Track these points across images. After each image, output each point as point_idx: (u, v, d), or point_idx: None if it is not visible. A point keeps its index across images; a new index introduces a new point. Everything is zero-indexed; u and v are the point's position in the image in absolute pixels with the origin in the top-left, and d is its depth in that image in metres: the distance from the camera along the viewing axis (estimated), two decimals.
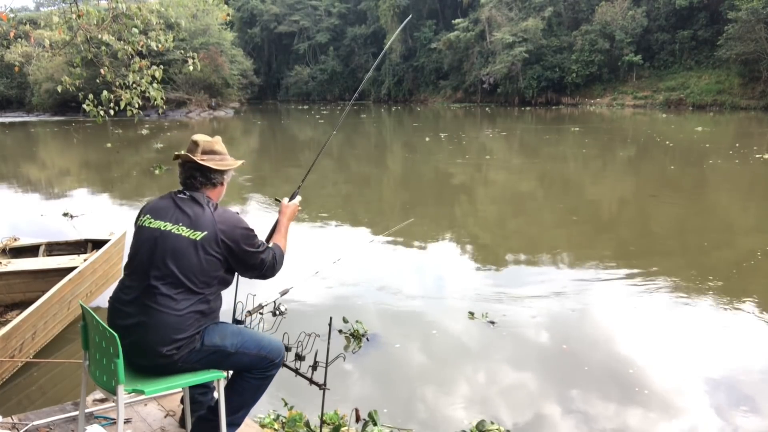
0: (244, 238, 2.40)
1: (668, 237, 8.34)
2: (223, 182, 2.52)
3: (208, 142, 2.48)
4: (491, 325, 5.16)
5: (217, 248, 2.33)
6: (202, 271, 2.30)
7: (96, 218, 9.76)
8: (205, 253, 2.31)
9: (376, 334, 4.99)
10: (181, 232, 2.32)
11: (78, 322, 2.68)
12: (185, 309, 2.27)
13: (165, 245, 2.30)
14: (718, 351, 4.72)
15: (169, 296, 2.26)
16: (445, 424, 3.74)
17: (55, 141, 26.14)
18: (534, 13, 46.16)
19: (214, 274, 2.34)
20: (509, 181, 13.85)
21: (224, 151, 2.52)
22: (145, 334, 2.23)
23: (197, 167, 2.43)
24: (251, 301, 2.97)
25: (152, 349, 2.23)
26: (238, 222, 2.41)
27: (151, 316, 2.24)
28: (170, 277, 2.27)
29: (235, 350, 2.39)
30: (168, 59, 30.70)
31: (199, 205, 2.38)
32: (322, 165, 17.06)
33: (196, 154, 2.43)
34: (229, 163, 2.51)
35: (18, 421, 2.91)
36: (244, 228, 2.42)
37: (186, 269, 2.28)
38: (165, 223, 2.35)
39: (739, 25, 34.50)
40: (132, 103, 5.75)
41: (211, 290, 2.35)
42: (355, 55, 63.24)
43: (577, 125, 27.67)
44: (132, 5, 5.52)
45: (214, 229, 2.33)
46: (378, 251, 7.48)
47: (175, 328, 2.25)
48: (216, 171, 2.46)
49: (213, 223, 2.35)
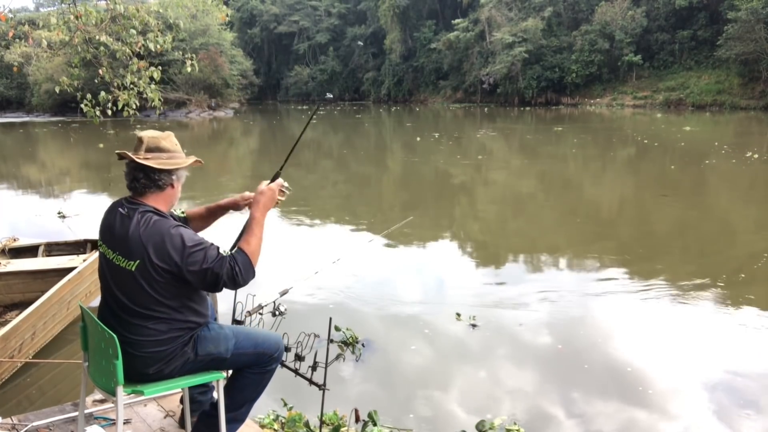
0: (181, 254, 2.09)
1: (650, 236, 8.34)
2: (173, 184, 2.25)
3: (153, 138, 2.24)
4: (491, 326, 5.16)
5: (156, 274, 2.09)
6: (156, 300, 2.13)
7: (88, 218, 9.78)
8: (147, 283, 2.10)
9: (369, 339, 4.97)
10: (119, 262, 2.14)
11: (77, 323, 2.68)
12: (160, 334, 2.17)
13: (113, 278, 2.18)
14: (719, 351, 4.71)
15: (138, 325, 2.16)
16: (445, 424, 3.73)
17: (51, 141, 26.14)
18: (534, 13, 46.16)
19: (171, 295, 2.15)
20: (507, 180, 13.85)
21: (173, 148, 2.26)
22: (130, 357, 2.17)
23: (140, 167, 2.18)
24: (251, 301, 2.97)
25: (138, 372, 2.21)
26: (170, 238, 2.09)
27: (129, 344, 2.16)
28: (130, 309, 2.15)
29: (230, 354, 2.36)
30: (168, 60, 30.70)
31: (132, 222, 2.13)
32: (322, 165, 17.07)
33: (139, 153, 2.19)
34: (177, 161, 2.23)
35: (18, 421, 2.90)
36: (179, 243, 2.09)
37: (140, 300, 2.13)
38: (108, 250, 2.20)
39: (739, 25, 34.50)
40: (129, 104, 5.75)
41: (179, 308, 2.20)
42: (354, 56, 63.25)
43: (562, 125, 27.67)
44: (130, 6, 5.51)
45: (144, 254, 2.08)
46: (377, 251, 7.48)
47: (155, 351, 2.19)
48: (161, 171, 2.19)
49: (142, 246, 2.09)
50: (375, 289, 6.17)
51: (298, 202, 11.49)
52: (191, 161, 2.30)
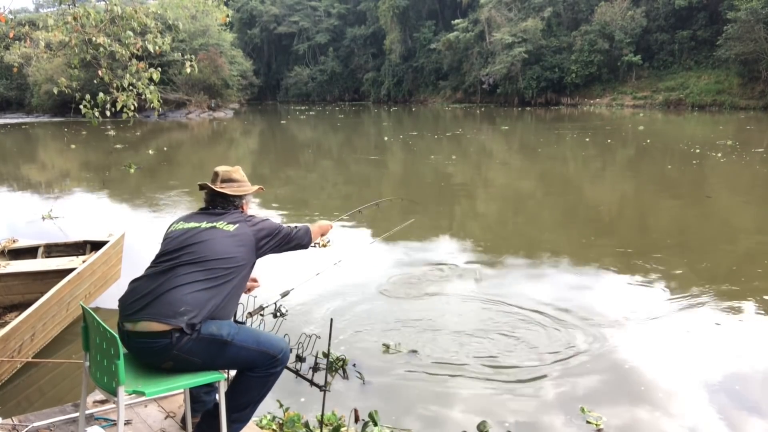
0: (265, 220, 2.75)
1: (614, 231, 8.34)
2: (243, 205, 2.84)
3: (227, 171, 2.84)
4: (490, 326, 5.16)
5: (248, 231, 2.61)
6: (233, 257, 2.51)
7: (87, 219, 9.79)
8: (239, 241, 2.57)
9: (359, 358, 4.97)
10: (217, 226, 2.60)
11: (77, 324, 2.69)
12: (202, 288, 2.40)
13: (195, 237, 2.54)
14: (719, 351, 4.71)
15: (188, 277, 2.41)
16: (445, 424, 3.73)
17: (47, 142, 26.14)
18: (533, 13, 46.18)
19: (243, 262, 2.54)
20: (507, 180, 13.86)
21: (242, 178, 2.86)
22: (155, 303, 2.34)
23: (218, 194, 2.77)
24: (252, 302, 2.97)
25: (168, 312, 2.31)
26: (260, 217, 2.78)
27: (169, 290, 2.37)
28: (196, 263, 2.45)
29: (231, 339, 2.40)
30: (167, 60, 30.70)
31: (229, 212, 2.73)
32: (321, 165, 17.08)
33: (216, 183, 2.80)
34: (245, 189, 2.85)
35: (18, 422, 2.90)
36: (265, 219, 2.78)
37: (217, 255, 2.48)
38: (199, 223, 2.62)
39: (739, 25, 34.50)
40: (128, 105, 5.74)
41: (229, 280, 2.48)
42: (354, 56, 63.30)
43: (562, 125, 27.69)
44: (128, 8, 5.51)
45: (243, 219, 2.67)
46: (378, 252, 7.48)
47: (183, 303, 2.34)
48: (234, 196, 2.80)
49: (242, 217, 2.69)
50: (374, 289, 6.17)
51: (298, 202, 11.51)
52: (255, 188, 2.90)
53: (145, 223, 9.49)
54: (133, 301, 2.40)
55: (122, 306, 2.44)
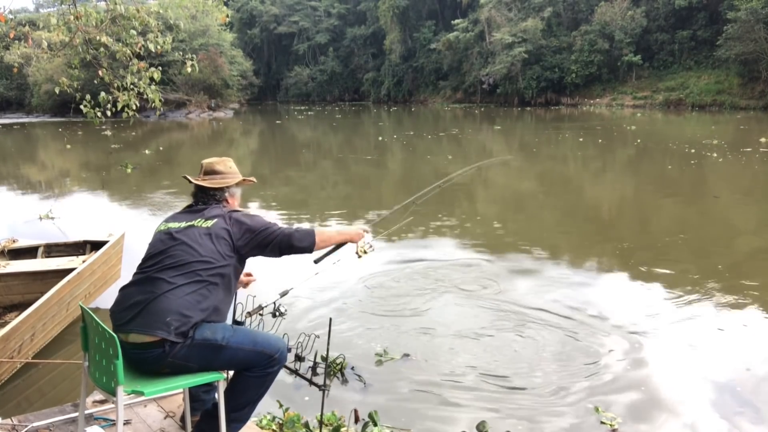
0: (252, 216, 2.61)
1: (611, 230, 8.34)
2: (227, 198, 2.70)
3: (210, 163, 2.72)
4: (491, 325, 5.16)
5: (226, 226, 2.50)
6: (213, 256, 2.42)
7: (86, 219, 9.78)
8: (216, 237, 2.46)
9: (356, 362, 4.98)
10: (194, 224, 2.51)
11: (77, 324, 2.69)
12: (187, 293, 2.34)
13: (175, 238, 2.46)
14: (720, 352, 4.71)
15: (172, 283, 2.35)
16: (444, 424, 3.73)
17: (46, 142, 26.13)
18: (533, 13, 46.16)
19: (225, 260, 2.44)
20: (507, 180, 13.85)
21: (227, 170, 2.71)
22: (143, 314, 2.29)
23: (199, 187, 2.67)
24: (251, 302, 2.97)
25: (155, 323, 2.26)
26: (247, 212, 2.65)
27: (154, 299, 2.31)
28: (178, 266, 2.38)
29: (226, 342, 2.36)
30: (167, 60, 30.70)
31: (210, 206, 2.61)
32: (321, 165, 17.08)
33: (198, 176, 2.69)
34: (227, 181, 2.70)
35: (18, 422, 2.90)
36: (253, 215, 2.64)
37: (196, 256, 2.40)
38: (179, 223, 2.54)
39: (739, 25, 34.50)
40: (129, 105, 5.75)
41: (214, 281, 2.41)
42: (354, 56, 63.29)
43: (562, 125, 27.67)
44: (130, 7, 5.51)
45: (223, 213, 2.55)
46: (378, 251, 7.46)
47: (169, 312, 2.28)
48: (215, 189, 2.67)
49: (222, 212, 2.58)
50: (374, 290, 6.17)
51: (298, 203, 11.51)
52: (239, 179, 2.73)
53: (145, 223, 9.48)
54: (121, 311, 2.36)
55: (113, 316, 2.41)
